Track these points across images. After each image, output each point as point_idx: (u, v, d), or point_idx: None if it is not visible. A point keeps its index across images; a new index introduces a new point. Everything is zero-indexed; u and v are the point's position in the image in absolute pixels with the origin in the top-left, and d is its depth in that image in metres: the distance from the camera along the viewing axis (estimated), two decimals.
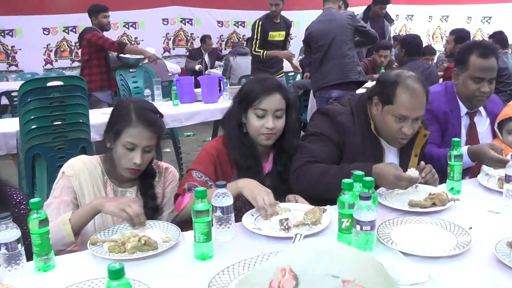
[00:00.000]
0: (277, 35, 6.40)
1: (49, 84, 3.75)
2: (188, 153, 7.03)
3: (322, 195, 2.24)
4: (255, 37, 6.37)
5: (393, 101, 2.31)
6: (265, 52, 6.23)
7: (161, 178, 2.34)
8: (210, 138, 6.54)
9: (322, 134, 2.43)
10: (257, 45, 6.32)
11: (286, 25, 6.50)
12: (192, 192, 2.20)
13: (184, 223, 2.15)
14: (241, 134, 2.37)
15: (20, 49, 10.12)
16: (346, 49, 5.20)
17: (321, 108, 2.63)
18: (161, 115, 2.26)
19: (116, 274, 1.22)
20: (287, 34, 6.57)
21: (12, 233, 1.64)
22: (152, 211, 2.21)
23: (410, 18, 13.60)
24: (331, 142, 2.42)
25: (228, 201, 1.86)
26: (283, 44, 6.57)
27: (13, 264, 1.65)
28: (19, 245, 1.66)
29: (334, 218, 1.92)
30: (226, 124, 2.43)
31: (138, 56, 6.25)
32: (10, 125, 4.12)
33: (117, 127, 2.12)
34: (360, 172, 1.91)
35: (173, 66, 9.46)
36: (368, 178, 1.87)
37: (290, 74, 7.68)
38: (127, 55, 6.11)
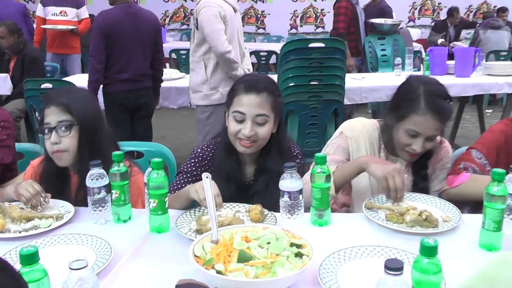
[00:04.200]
0: None
1: (311, 45, 3.79)
2: None
3: None
4: None
5: None
6: None
7: (433, 153, 2.12)
8: (454, 115, 6.05)
9: None
10: None
11: None
12: (469, 172, 1.99)
13: None
14: None
15: (269, 14, 10.75)
16: None
17: None
18: (451, 99, 1.99)
19: (430, 251, 1.09)
20: None
21: (296, 183, 1.63)
22: (421, 191, 2.02)
23: None
24: None
25: None
26: None
27: (292, 213, 1.65)
28: (300, 196, 1.65)
29: None
30: None
31: (393, 22, 6.07)
32: None
33: (402, 111, 1.94)
34: None
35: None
36: None
37: None
38: (381, 21, 5.98)
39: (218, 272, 1.24)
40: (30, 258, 1.12)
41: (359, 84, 4.37)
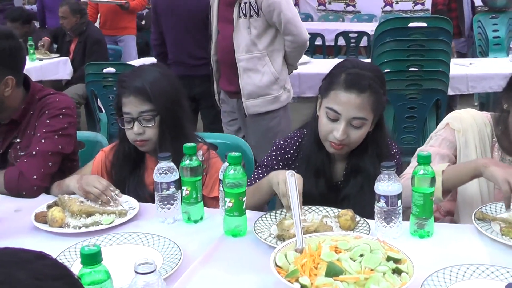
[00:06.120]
0: None
1: (410, 24, 3.71)
2: None
3: None
4: None
5: None
6: None
7: None
8: None
9: None
10: None
11: None
12: None
13: None
14: None
15: None
16: None
17: None
18: None
19: None
20: None
21: (394, 186, 1.59)
22: None
23: None
24: None
25: None
26: None
27: (388, 221, 1.61)
28: (399, 202, 1.60)
29: None
30: None
31: None
32: None
33: None
34: None
35: None
36: None
37: None
38: None
39: (303, 286, 1.23)
40: (93, 258, 1.15)
41: (465, 71, 4.26)
